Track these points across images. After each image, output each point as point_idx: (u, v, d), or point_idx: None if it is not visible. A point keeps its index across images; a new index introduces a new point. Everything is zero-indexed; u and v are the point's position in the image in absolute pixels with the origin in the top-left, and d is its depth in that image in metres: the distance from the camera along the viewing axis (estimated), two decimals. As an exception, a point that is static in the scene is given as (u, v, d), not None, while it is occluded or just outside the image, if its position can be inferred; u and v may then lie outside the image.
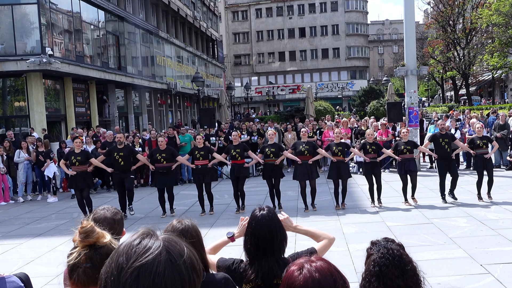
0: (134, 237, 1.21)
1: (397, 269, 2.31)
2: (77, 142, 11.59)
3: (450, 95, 58.83)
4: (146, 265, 1.13)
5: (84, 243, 1.97)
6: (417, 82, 18.02)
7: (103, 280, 1.17)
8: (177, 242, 1.22)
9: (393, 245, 2.42)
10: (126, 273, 1.12)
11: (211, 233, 9.13)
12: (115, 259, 1.17)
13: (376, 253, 2.38)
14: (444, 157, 11.17)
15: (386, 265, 2.32)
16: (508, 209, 10.16)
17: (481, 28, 39.27)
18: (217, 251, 3.35)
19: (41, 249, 9.09)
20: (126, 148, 11.90)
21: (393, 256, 2.34)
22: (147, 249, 1.16)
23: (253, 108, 60.35)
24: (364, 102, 36.56)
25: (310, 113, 23.47)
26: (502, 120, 16.15)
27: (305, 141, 11.33)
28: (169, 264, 1.14)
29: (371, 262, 2.38)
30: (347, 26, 66.56)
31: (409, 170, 11.05)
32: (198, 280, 1.21)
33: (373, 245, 2.47)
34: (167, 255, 1.16)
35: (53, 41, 19.74)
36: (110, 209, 3.05)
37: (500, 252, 7.37)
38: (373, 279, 2.33)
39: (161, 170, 11.31)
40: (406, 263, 2.35)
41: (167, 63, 34.49)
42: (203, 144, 11.72)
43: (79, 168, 11.25)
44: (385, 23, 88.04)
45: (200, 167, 11.34)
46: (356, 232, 9.10)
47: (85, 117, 23.30)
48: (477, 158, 11.14)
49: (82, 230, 1.95)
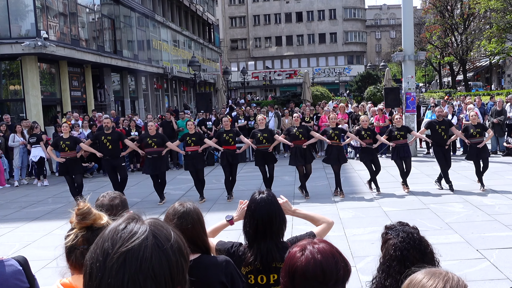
0: (119, 222, 1.18)
1: (418, 252, 2.37)
2: (64, 127, 11.44)
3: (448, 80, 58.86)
4: (133, 250, 1.10)
5: (81, 225, 1.96)
6: (415, 67, 17.97)
7: (88, 266, 1.14)
8: (163, 226, 1.20)
9: (411, 229, 2.48)
10: (112, 259, 1.10)
11: (208, 217, 9.10)
12: (100, 244, 1.14)
13: (396, 238, 2.42)
14: (440, 144, 11.08)
15: (408, 249, 2.37)
16: (504, 195, 10.19)
17: (479, 13, 39.17)
18: (216, 234, 3.35)
19: (38, 233, 9.09)
20: (114, 132, 11.72)
21: (414, 240, 2.40)
22: (133, 234, 1.13)
23: (249, 93, 60.20)
24: (361, 87, 36.51)
25: (307, 98, 23.40)
26: (499, 106, 16.14)
27: (298, 127, 11.16)
28: (156, 249, 1.12)
29: (391, 247, 2.41)
30: (344, 10, 66.22)
31: (403, 156, 11.00)
32: (186, 264, 1.19)
33: (390, 230, 2.51)
34: (154, 240, 1.13)
35: (48, 24, 19.54)
36: (107, 195, 3.05)
37: (496, 237, 7.40)
38: (394, 263, 2.37)
39: (153, 155, 11.16)
40: (426, 246, 2.43)
41: (163, 47, 34.27)
42: (194, 130, 11.54)
43: (69, 154, 11.11)
44: (382, 8, 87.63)
45: (191, 153, 11.19)
46: (352, 217, 9.12)
47: (81, 101, 23.16)
48: (471, 148, 11.04)
49: (79, 212, 1.94)
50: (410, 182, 11.45)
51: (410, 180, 11.52)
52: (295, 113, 12.01)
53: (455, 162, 14.23)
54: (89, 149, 11.61)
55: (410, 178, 11.64)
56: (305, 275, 1.78)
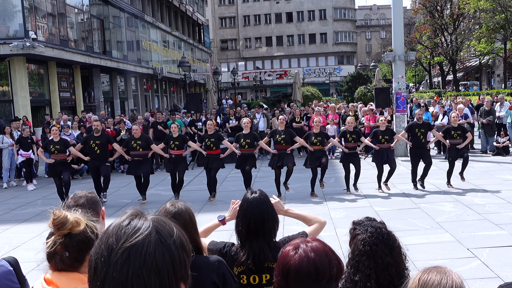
0: (123, 218, 1.20)
1: (387, 247, 2.39)
2: (54, 130, 11.37)
3: (438, 80, 59.17)
4: (137, 245, 1.12)
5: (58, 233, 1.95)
6: (405, 67, 18.02)
7: (93, 261, 1.16)
8: (166, 222, 1.22)
9: (379, 224, 2.50)
10: (116, 254, 1.12)
11: (199, 218, 9.07)
12: (105, 240, 1.16)
13: (364, 233, 2.44)
14: (417, 146, 11.11)
15: (376, 243, 2.38)
16: (495, 194, 10.24)
17: (469, 13, 39.42)
18: (208, 234, 3.34)
19: (28, 235, 8.99)
20: (103, 136, 11.60)
21: (382, 235, 2.42)
22: (136, 230, 1.15)
23: (240, 93, 60.14)
24: (352, 87, 36.57)
25: (298, 99, 23.43)
26: (488, 106, 16.22)
27: (283, 130, 11.03)
28: (159, 244, 1.15)
29: (359, 242, 2.43)
30: (334, 11, 66.35)
31: (386, 160, 10.89)
32: (188, 260, 1.22)
33: (358, 225, 2.54)
34: (157, 235, 1.16)
35: (36, 24, 19.40)
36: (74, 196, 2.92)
37: (487, 236, 7.43)
38: (364, 258, 2.38)
39: (137, 158, 11.12)
40: (394, 240, 2.44)
41: (153, 47, 34.16)
42: (178, 133, 11.40)
43: (58, 157, 11.13)
44: (372, 8, 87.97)
45: (174, 157, 11.11)
46: (344, 217, 9.11)
47: (70, 102, 23.04)
48: (451, 150, 11.03)
49: (55, 222, 1.92)
50: (400, 182, 11.49)
51: (400, 179, 11.55)
52: (280, 116, 11.91)
53: (443, 162, 14.28)
54: (77, 154, 11.59)
55: (400, 178, 11.68)
56: (298, 273, 1.80)
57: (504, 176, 12.21)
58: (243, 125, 11.29)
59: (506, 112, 16.37)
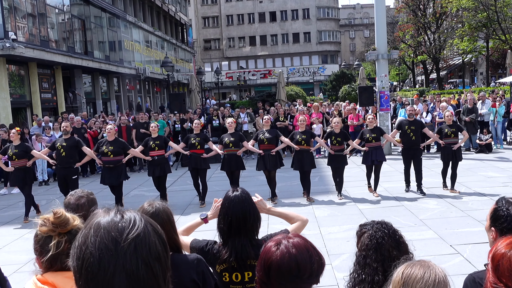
0: (112, 215, 1.22)
1: (393, 240, 2.46)
2: (13, 134, 10.27)
3: (421, 79, 59.65)
4: (139, 236, 1.18)
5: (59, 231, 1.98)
6: (388, 66, 18.10)
7: (97, 256, 1.16)
8: (144, 214, 1.29)
9: (384, 221, 2.59)
10: (123, 246, 1.16)
11: (182, 219, 9.02)
12: (105, 235, 1.17)
13: (371, 229, 2.52)
14: (408, 147, 10.66)
15: (382, 236, 2.45)
16: (477, 191, 10.32)
17: (451, 12, 39.80)
18: (190, 233, 3.32)
19: (9, 237, 8.91)
20: (71, 139, 10.49)
21: (388, 229, 2.50)
22: (133, 222, 1.20)
23: (224, 93, 60.00)
24: (336, 86, 36.68)
25: (282, 98, 23.41)
26: (470, 104, 16.35)
27: (267, 129, 10.77)
28: (155, 234, 1.22)
29: (366, 238, 2.50)
30: (318, 10, 66.52)
31: (376, 160, 10.48)
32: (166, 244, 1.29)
33: (364, 225, 2.60)
34: (151, 226, 1.23)
35: (16, 25, 19.13)
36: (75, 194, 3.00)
37: (469, 232, 7.49)
38: (371, 252, 2.44)
39: (108, 165, 10.19)
40: (400, 235, 2.52)
41: (135, 47, 33.92)
42: (157, 133, 10.87)
43: (17, 164, 10.03)
44: (356, 7, 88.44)
45: (156, 159, 10.61)
46: (328, 216, 9.12)
47: (51, 103, 22.76)
48: (445, 149, 10.57)
49: (59, 221, 1.95)
50: (384, 180, 11.50)
51: (384, 178, 11.57)
52: (265, 116, 11.67)
53: (429, 159, 14.40)
54: (41, 156, 10.48)
55: (384, 176, 11.70)
56: (280, 268, 1.84)
57: (486, 173, 12.32)
58: (227, 125, 10.95)
59: (489, 110, 16.55)
